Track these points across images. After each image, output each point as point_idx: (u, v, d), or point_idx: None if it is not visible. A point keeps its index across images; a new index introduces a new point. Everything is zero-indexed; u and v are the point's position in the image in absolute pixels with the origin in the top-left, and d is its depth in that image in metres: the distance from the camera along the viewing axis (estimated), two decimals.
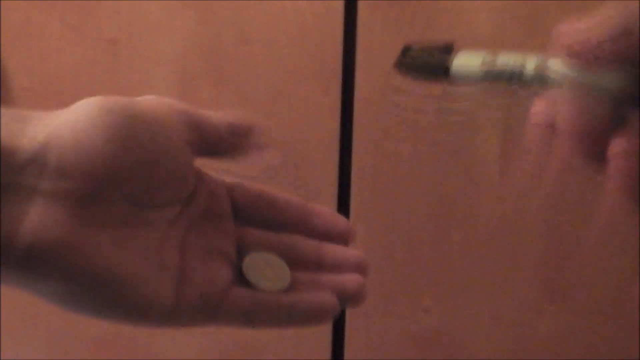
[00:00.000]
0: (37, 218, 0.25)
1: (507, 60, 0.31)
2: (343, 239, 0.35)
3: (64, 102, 0.28)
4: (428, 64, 0.33)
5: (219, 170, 0.34)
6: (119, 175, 0.27)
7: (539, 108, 0.29)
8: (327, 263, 0.34)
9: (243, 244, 0.33)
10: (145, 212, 0.28)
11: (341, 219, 0.35)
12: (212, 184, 0.33)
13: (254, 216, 0.34)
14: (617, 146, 0.26)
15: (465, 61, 0.33)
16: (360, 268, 0.34)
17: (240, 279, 0.32)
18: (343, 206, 0.92)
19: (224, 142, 0.32)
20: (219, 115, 0.32)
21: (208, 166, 0.33)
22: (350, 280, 0.33)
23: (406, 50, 0.34)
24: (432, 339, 0.98)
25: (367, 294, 0.33)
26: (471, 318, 0.97)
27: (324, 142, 0.90)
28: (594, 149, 0.27)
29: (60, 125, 0.26)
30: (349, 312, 1.00)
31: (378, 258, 0.93)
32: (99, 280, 0.26)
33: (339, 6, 0.86)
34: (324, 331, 1.00)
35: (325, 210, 0.35)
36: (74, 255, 0.26)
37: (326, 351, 1.01)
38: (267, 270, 0.32)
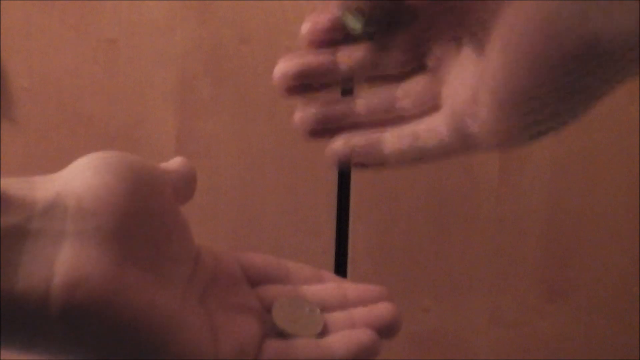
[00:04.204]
0: (71, 257, 0.25)
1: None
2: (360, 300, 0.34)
3: (64, 102, 0.28)
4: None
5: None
6: (135, 212, 0.27)
7: None
8: (353, 298, 0.33)
9: (264, 299, 0.33)
10: (164, 263, 0.29)
11: (354, 284, 0.35)
12: (216, 252, 0.34)
13: (266, 279, 0.34)
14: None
15: None
16: (385, 299, 0.33)
17: (272, 331, 0.31)
18: (343, 206, 0.92)
19: (188, 189, 0.32)
20: (169, 166, 0.32)
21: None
22: (382, 309, 0.32)
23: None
24: (432, 339, 0.98)
25: (402, 323, 0.32)
26: (471, 318, 0.97)
27: (323, 141, 0.90)
28: None
29: (67, 177, 0.28)
30: None
31: (378, 258, 0.93)
32: (145, 321, 0.26)
33: None
34: None
35: (333, 276, 0.35)
36: (117, 291, 0.25)
37: None
38: (298, 315, 0.32)
